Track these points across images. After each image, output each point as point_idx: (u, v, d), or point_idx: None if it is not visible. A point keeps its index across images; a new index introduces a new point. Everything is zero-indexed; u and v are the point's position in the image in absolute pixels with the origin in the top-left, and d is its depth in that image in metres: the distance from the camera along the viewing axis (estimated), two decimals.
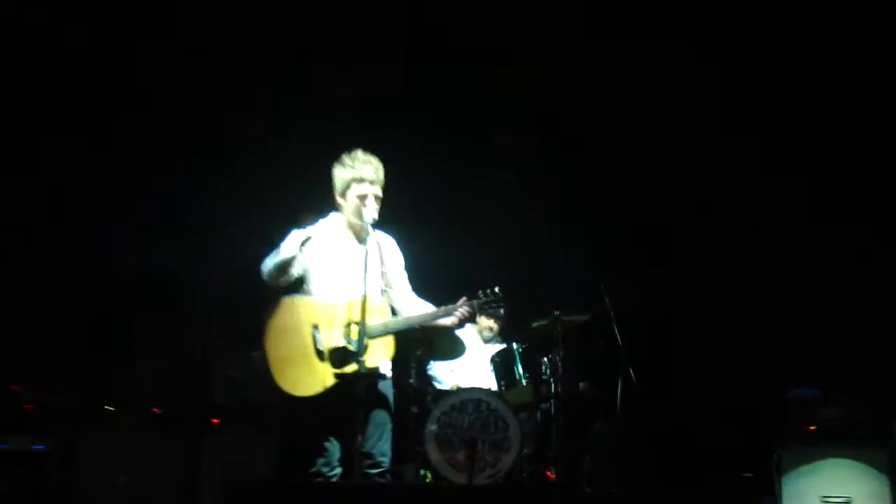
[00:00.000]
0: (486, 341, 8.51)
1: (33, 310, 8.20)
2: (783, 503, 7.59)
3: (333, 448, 5.84)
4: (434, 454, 7.13)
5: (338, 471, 5.86)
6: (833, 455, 7.61)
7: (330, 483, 5.78)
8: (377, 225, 6.09)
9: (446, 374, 8.26)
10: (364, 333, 5.66)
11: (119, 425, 7.59)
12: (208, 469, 7.33)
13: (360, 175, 6.02)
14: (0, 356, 7.84)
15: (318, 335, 5.84)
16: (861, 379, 8.22)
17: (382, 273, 6.18)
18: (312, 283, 6.04)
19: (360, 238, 6.10)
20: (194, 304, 8.50)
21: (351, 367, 5.68)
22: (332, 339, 5.83)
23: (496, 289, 6.07)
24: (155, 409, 7.69)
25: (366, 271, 5.75)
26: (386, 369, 6.11)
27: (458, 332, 7.40)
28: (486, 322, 8.48)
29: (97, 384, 7.73)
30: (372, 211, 5.96)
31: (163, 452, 7.37)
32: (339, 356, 5.79)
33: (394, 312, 6.13)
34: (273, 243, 6.02)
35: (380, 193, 6.07)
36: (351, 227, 6.16)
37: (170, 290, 8.57)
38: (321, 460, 5.82)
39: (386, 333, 5.89)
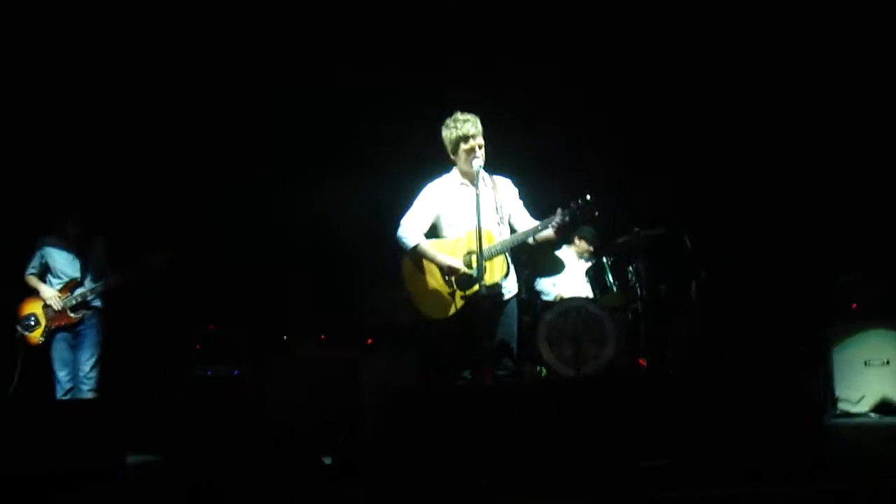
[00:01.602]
0: (580, 258, 9.25)
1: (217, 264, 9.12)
2: (834, 369, 8.38)
3: (467, 353, 6.58)
4: (546, 353, 8.17)
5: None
6: (873, 327, 8.41)
7: (468, 386, 6.55)
8: (489, 169, 6.74)
9: (550, 288, 9.10)
10: (481, 258, 6.29)
11: (294, 351, 8.74)
12: (366, 381, 8.00)
13: (463, 132, 6.64)
14: (197, 301, 8.99)
15: (440, 270, 6.61)
16: (893, 261, 8.84)
17: (498, 207, 6.72)
18: (441, 228, 6.80)
19: (476, 182, 6.54)
20: (343, 248, 9.34)
21: (474, 289, 6.38)
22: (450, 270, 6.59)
23: (587, 196, 6.44)
24: (321, 337, 8.80)
25: (478, 209, 6.31)
26: (511, 288, 6.74)
27: (558, 253, 8.73)
28: (584, 245, 9.22)
29: (275, 321, 8.89)
30: (480, 159, 6.57)
31: (329, 371, 8.13)
32: (463, 281, 6.53)
33: None
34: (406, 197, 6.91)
35: (482, 143, 6.65)
36: (465, 175, 6.76)
37: (325, 237, 9.41)
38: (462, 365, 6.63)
39: (498, 254, 6.52)
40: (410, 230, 6.75)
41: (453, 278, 6.59)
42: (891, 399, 8.21)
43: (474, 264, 6.44)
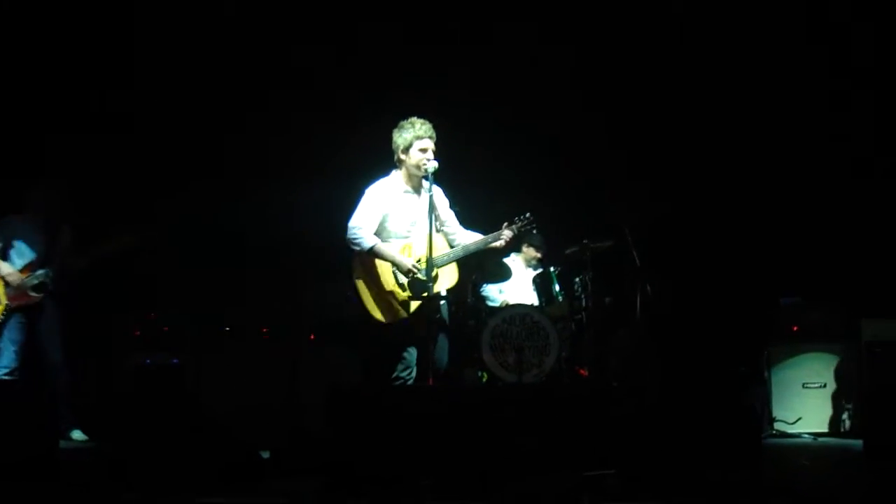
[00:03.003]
0: (533, 269, 9.22)
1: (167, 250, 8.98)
2: (772, 390, 8.54)
3: (411, 356, 6.81)
4: (489, 358, 8.12)
5: (414, 373, 6.82)
6: (813, 350, 8.62)
7: (410, 386, 6.78)
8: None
9: (497, 294, 9.05)
10: (433, 265, 6.56)
11: (236, 343, 8.68)
12: (306, 377, 8.11)
13: (420, 133, 6.78)
14: (140, 288, 8.93)
15: (397, 271, 6.83)
16: (836, 286, 9.04)
17: (436, 216, 6.85)
18: (387, 231, 6.90)
19: (418, 189, 6.93)
20: (289, 243, 9.32)
21: (424, 294, 6.62)
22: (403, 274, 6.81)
23: (527, 214, 7.07)
24: (263, 329, 8.75)
25: (430, 215, 6.58)
26: (443, 292, 6.97)
27: (506, 260, 8.73)
28: (532, 252, 9.19)
29: (218, 311, 8.82)
30: (434, 162, 6.73)
31: (270, 363, 8.25)
32: (415, 286, 6.76)
33: (450, 246, 7.03)
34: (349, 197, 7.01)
35: (434, 148, 6.83)
36: (410, 181, 6.93)
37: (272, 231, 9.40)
38: (401, 366, 6.79)
39: (449, 262, 6.86)
40: (365, 231, 6.82)
41: (407, 282, 6.79)
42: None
43: (424, 269, 6.68)
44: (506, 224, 7.05)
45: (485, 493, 5.36)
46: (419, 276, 6.74)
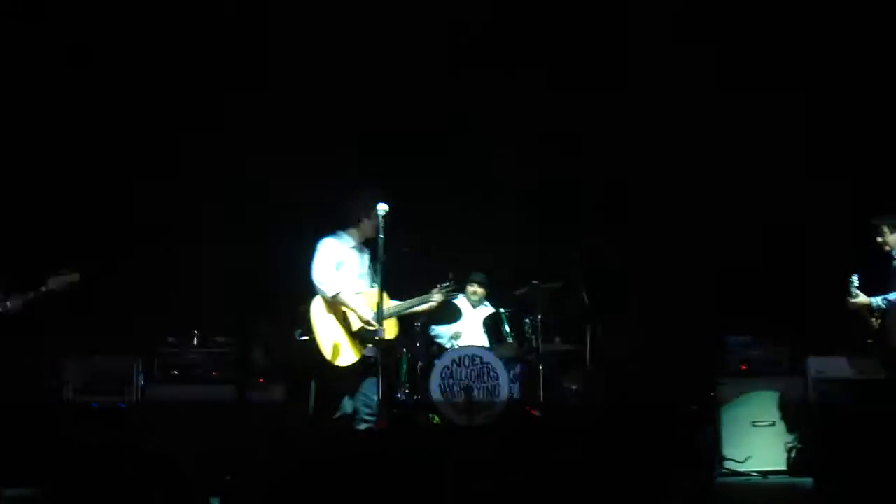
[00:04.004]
0: (475, 306, 9.26)
1: (120, 295, 9.04)
2: (722, 429, 8.56)
3: (358, 397, 7.37)
4: (438, 400, 8.10)
5: (361, 412, 7.35)
6: (761, 388, 8.68)
7: (359, 430, 7.21)
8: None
9: (446, 335, 9.12)
10: (382, 316, 7.10)
11: (183, 386, 8.52)
12: (257, 421, 8.15)
13: (381, 198, 7.21)
14: (86, 330, 8.78)
15: (351, 319, 7.40)
16: (782, 325, 9.11)
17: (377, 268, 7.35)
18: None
19: (364, 248, 7.69)
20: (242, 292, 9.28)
21: (373, 342, 7.27)
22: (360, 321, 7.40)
23: (450, 275, 7.82)
24: (213, 373, 8.61)
25: (377, 272, 7.16)
26: None
27: (455, 302, 8.79)
28: (472, 288, 9.27)
29: (165, 354, 8.67)
30: (383, 205, 7.15)
31: (217, 408, 8.24)
32: (365, 334, 7.38)
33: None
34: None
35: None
36: (363, 238, 7.63)
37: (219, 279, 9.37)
38: (346, 406, 7.37)
39: (395, 314, 7.47)
40: (330, 279, 7.38)
41: (359, 329, 7.39)
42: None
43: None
44: (437, 286, 7.81)
45: None
46: (374, 326, 7.24)
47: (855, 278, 8.04)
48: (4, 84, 9.03)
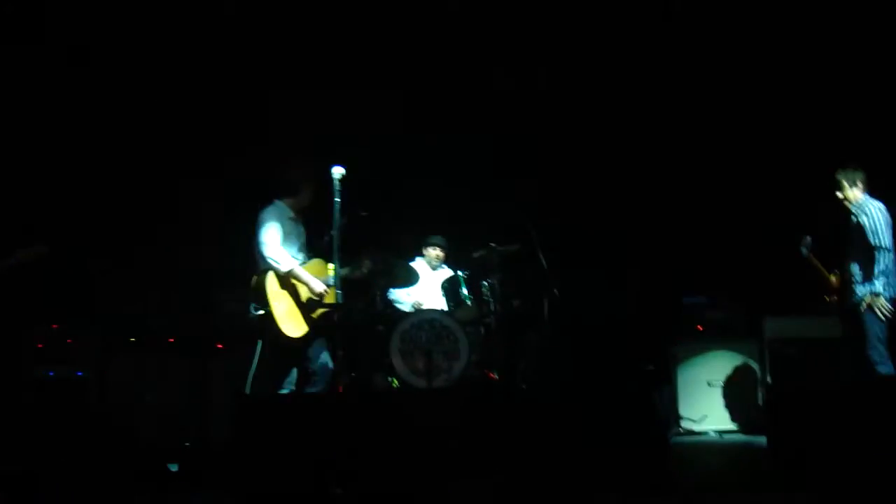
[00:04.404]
0: (434, 269, 9.28)
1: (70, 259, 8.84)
2: (678, 389, 8.76)
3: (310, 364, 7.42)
4: (398, 364, 8.14)
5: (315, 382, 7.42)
6: (717, 348, 8.83)
7: (321, 394, 7.17)
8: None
9: (405, 298, 9.14)
10: (338, 282, 7.04)
11: (141, 354, 8.37)
12: (214, 387, 8.16)
13: (314, 166, 7.38)
14: (40, 299, 8.51)
15: (301, 291, 7.41)
16: (739, 286, 9.21)
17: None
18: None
19: (299, 218, 7.61)
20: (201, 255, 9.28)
21: (321, 311, 7.41)
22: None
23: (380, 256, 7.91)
24: (170, 339, 8.51)
25: (336, 238, 6.98)
26: None
27: (412, 264, 8.83)
28: (435, 252, 9.29)
29: (122, 320, 8.61)
30: (339, 167, 7.00)
31: (177, 374, 8.20)
32: (314, 304, 7.43)
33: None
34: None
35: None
36: (300, 207, 7.57)
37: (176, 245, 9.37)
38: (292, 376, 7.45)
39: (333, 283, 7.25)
40: (282, 254, 7.33)
41: (310, 300, 7.41)
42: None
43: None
44: (370, 259, 7.87)
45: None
46: (326, 296, 7.43)
47: (808, 238, 8.11)
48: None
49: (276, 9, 9.17)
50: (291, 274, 7.37)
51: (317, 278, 7.45)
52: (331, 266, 7.31)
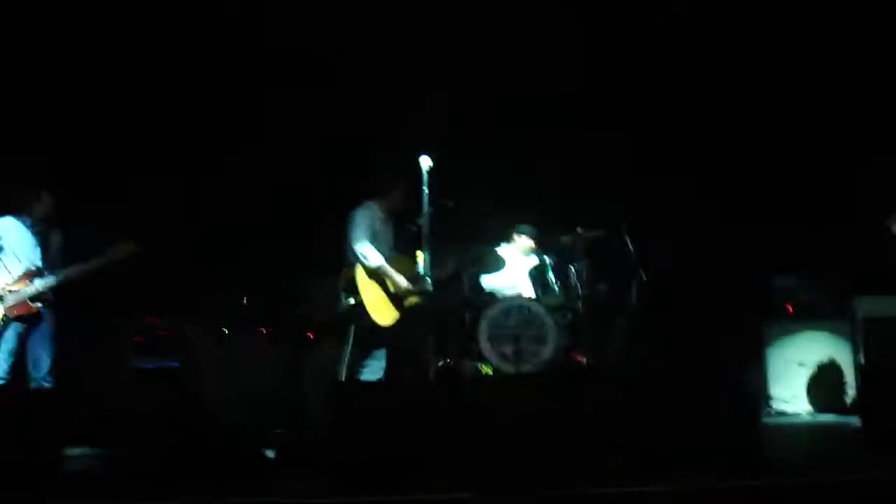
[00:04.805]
0: (523, 256, 9.25)
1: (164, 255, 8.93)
2: (768, 368, 8.73)
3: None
4: (487, 349, 8.25)
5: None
6: (807, 328, 8.77)
7: (413, 381, 7.47)
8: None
9: (493, 285, 9.09)
10: (427, 273, 7.57)
11: (235, 344, 8.72)
12: (309, 375, 8.34)
13: (404, 171, 7.69)
14: (139, 294, 8.92)
15: (388, 284, 7.80)
16: (829, 265, 9.16)
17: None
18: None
19: (390, 219, 8.02)
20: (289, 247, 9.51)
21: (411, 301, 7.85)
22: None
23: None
24: (263, 329, 8.83)
25: (429, 236, 7.51)
26: None
27: (499, 251, 8.84)
28: (525, 241, 9.23)
29: (216, 313, 8.91)
30: (426, 158, 7.53)
31: (270, 364, 8.46)
32: (403, 295, 7.84)
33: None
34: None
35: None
36: (391, 209, 7.99)
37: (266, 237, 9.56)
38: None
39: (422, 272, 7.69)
40: (372, 251, 7.73)
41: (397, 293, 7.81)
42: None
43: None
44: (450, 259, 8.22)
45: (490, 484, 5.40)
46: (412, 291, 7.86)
47: None
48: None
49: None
50: (379, 270, 7.74)
51: (401, 274, 7.81)
52: (419, 254, 7.62)
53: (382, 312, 7.74)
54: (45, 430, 6.16)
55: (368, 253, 7.71)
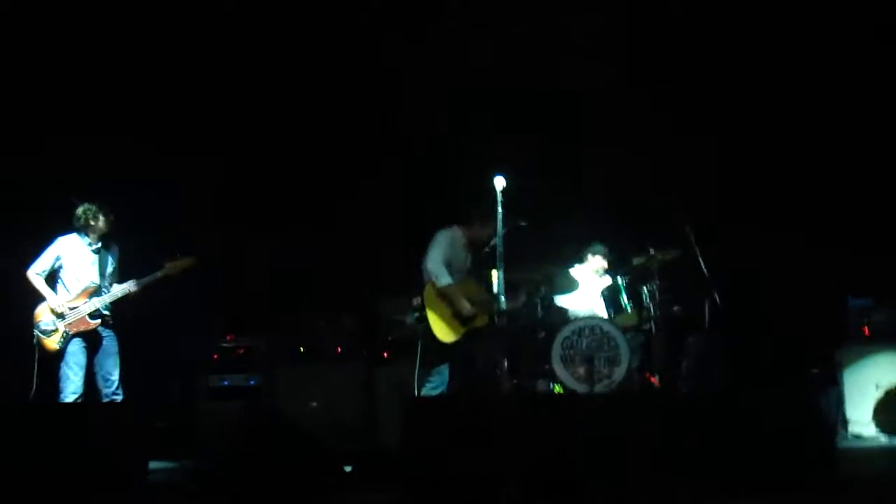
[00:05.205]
0: (600, 277, 9.31)
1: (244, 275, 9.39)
2: (845, 391, 8.50)
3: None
4: (560, 370, 8.26)
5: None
6: (884, 351, 8.54)
7: (487, 397, 7.30)
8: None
9: (566, 306, 9.13)
10: (499, 292, 7.48)
11: (310, 363, 8.89)
12: (383, 391, 8.58)
13: (490, 213, 7.58)
14: (216, 315, 9.15)
15: (453, 305, 7.89)
16: None
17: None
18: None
19: (470, 248, 8.21)
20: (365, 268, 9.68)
21: (476, 323, 7.95)
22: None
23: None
24: (338, 349, 8.98)
25: (499, 262, 7.41)
26: None
27: (571, 272, 8.90)
28: (599, 261, 9.28)
29: (293, 332, 9.08)
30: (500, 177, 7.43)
31: (345, 381, 8.65)
32: (465, 316, 7.92)
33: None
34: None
35: None
36: (472, 239, 8.17)
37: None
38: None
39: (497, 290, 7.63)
40: (441, 270, 7.93)
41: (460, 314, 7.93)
42: None
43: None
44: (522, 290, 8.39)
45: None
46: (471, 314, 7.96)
47: None
48: None
49: None
50: (445, 290, 7.88)
51: (468, 296, 7.94)
52: (494, 273, 7.61)
53: (444, 331, 7.87)
54: (128, 443, 6.24)
55: (437, 272, 7.89)
